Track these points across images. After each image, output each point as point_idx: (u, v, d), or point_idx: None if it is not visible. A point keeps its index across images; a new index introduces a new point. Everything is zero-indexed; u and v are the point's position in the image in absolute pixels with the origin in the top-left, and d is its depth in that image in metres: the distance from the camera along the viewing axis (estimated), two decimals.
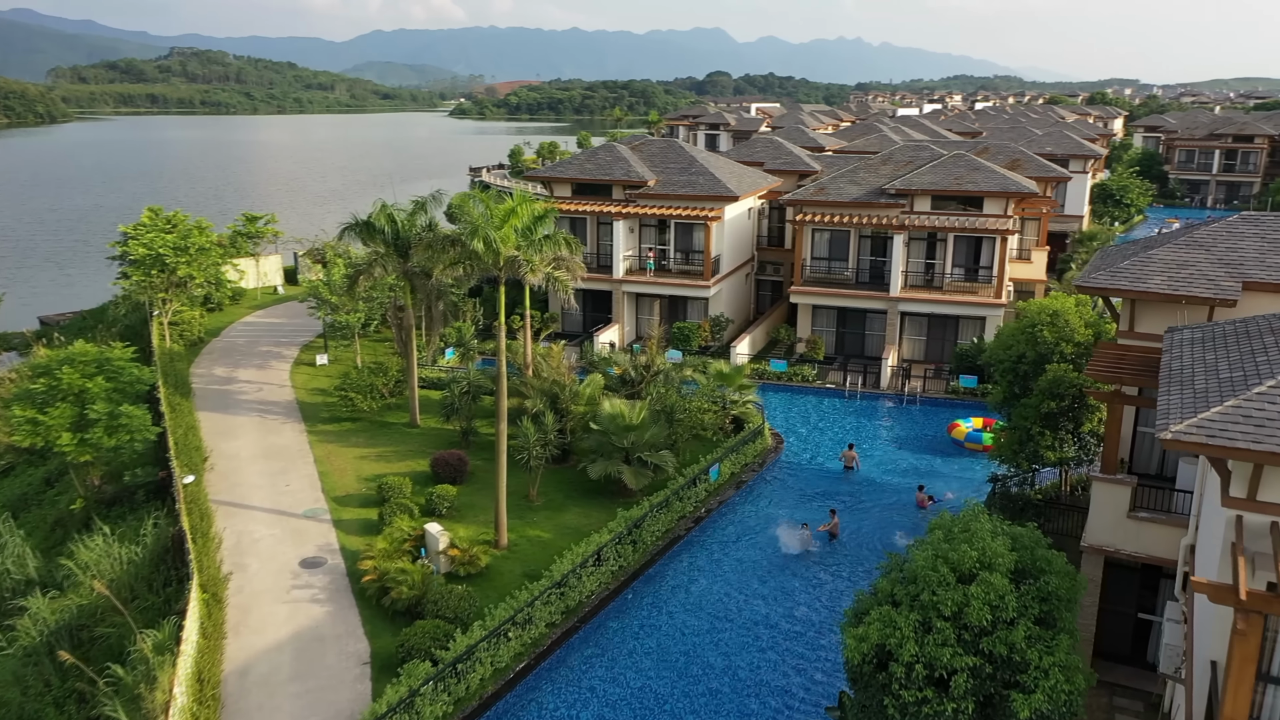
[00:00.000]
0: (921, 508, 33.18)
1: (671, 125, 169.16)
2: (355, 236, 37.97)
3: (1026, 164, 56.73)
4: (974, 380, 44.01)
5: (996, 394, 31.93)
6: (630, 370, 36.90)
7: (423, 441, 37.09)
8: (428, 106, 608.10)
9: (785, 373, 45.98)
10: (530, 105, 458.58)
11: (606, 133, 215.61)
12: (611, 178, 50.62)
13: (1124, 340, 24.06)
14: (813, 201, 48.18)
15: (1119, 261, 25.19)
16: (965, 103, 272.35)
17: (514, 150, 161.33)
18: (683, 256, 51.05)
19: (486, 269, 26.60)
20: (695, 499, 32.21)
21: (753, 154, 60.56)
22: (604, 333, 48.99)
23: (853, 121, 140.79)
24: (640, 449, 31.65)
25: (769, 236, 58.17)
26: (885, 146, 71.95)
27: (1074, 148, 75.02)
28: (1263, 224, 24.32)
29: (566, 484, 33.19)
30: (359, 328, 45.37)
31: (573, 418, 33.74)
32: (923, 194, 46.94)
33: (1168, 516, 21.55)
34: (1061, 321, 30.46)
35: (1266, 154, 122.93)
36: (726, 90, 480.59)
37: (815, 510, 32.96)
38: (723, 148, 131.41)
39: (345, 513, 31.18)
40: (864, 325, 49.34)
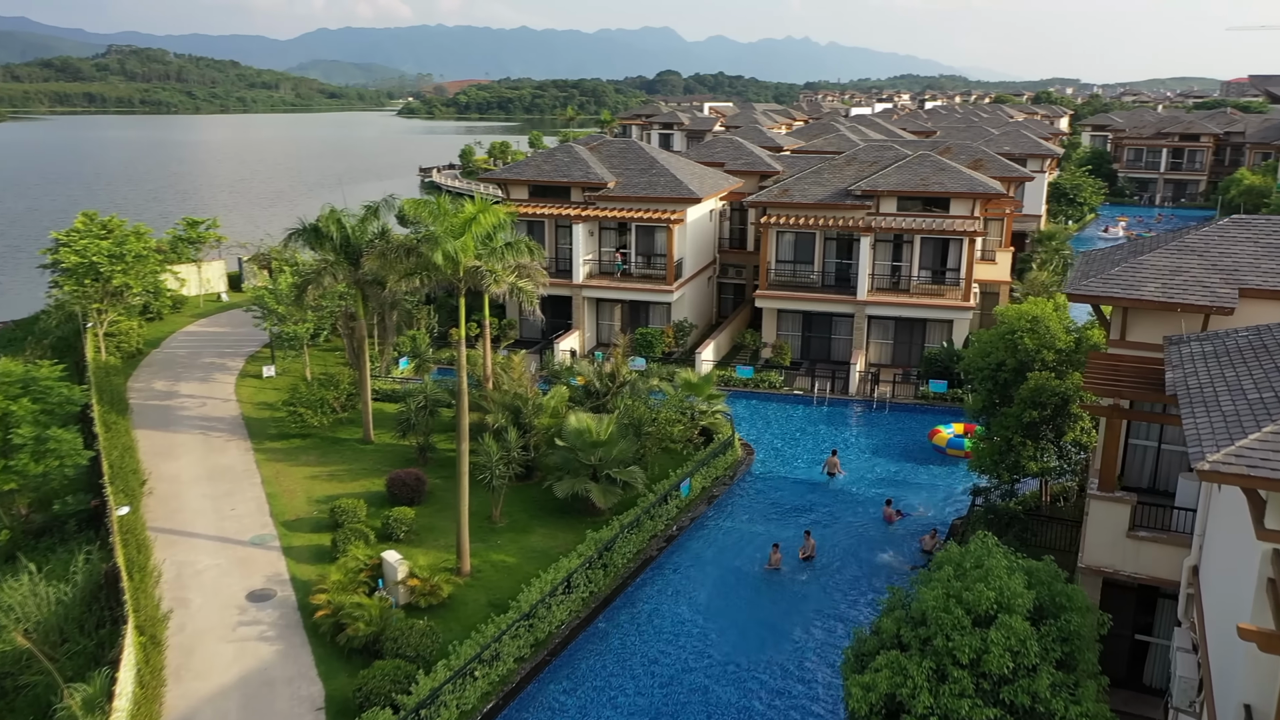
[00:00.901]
0: (889, 523, 31.99)
1: (624, 125, 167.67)
2: (302, 243, 36.03)
3: (989, 164, 56.20)
4: (944, 385, 43.17)
5: (975, 402, 30.97)
6: (595, 381, 35.39)
7: (377, 459, 35.25)
8: (375, 106, 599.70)
9: (752, 379, 44.78)
10: (480, 104, 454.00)
11: (559, 132, 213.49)
12: (570, 179, 49.05)
13: (1115, 349, 23.13)
14: (778, 203, 47.05)
15: (1108, 267, 24.26)
16: (914, 102, 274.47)
17: (465, 150, 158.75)
18: (644, 260, 49.63)
19: (445, 280, 24.95)
20: (666, 516, 30.82)
21: (713, 154, 59.34)
22: (564, 340, 47.42)
23: (806, 121, 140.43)
24: (608, 465, 30.18)
25: (731, 238, 57.01)
26: (844, 146, 71.22)
27: (1031, 147, 74.94)
28: (1254, 228, 23.51)
29: (531, 502, 31.60)
30: (308, 338, 43.29)
31: (536, 433, 32.17)
32: (889, 195, 46.01)
33: (1168, 535, 20.59)
34: (1042, 328, 29.54)
35: (1211, 152, 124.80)
36: (677, 89, 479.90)
37: (789, 525, 31.75)
38: (677, 147, 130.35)
39: (296, 539, 29.30)
40: (830, 329, 48.33)
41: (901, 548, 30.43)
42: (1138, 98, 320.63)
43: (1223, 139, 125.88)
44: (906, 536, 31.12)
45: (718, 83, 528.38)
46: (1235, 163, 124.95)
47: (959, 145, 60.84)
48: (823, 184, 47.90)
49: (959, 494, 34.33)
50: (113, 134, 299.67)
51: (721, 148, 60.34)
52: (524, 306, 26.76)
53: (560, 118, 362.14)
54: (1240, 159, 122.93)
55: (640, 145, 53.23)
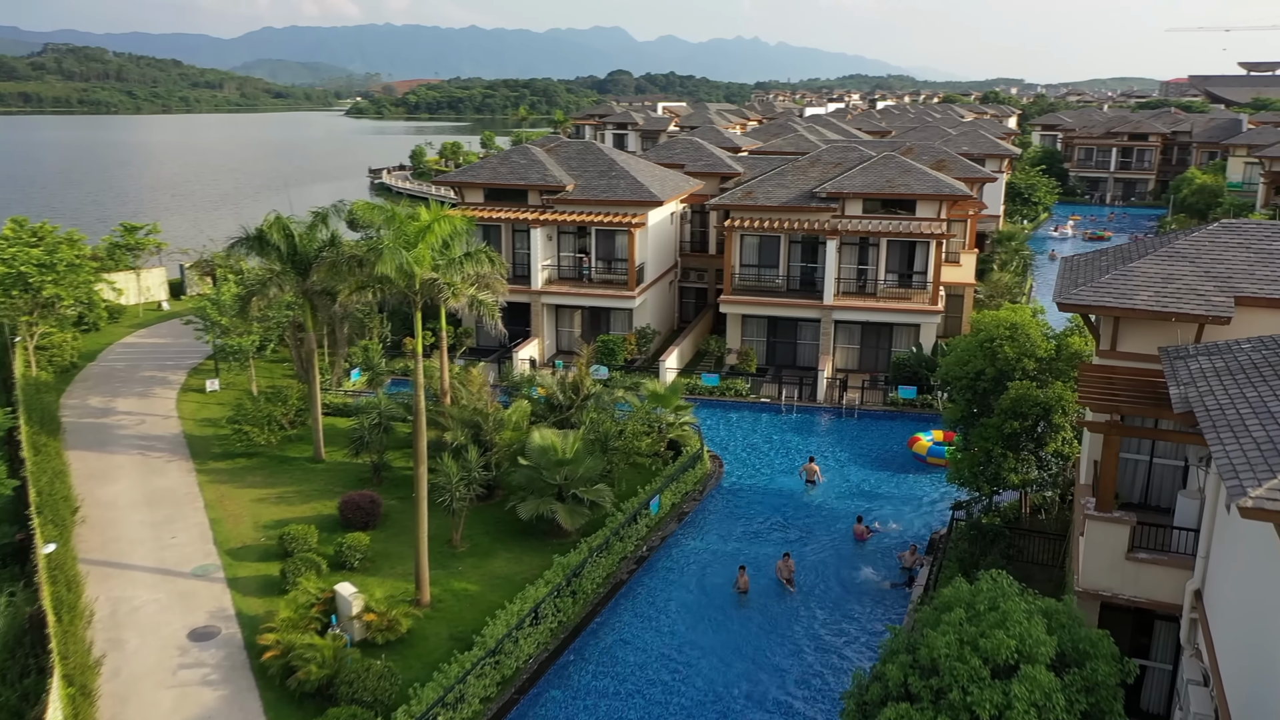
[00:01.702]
0: (861, 540, 30.75)
1: (578, 125, 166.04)
2: (246, 251, 34.08)
3: (952, 164, 55.60)
4: (913, 391, 42.30)
5: (953, 412, 30.00)
6: (558, 394, 33.88)
7: (329, 479, 33.42)
8: (323, 105, 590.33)
9: (717, 387, 43.55)
10: (430, 104, 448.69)
11: (511, 132, 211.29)
12: (527, 182, 47.45)
13: (1105, 360, 22.20)
14: (741, 206, 45.87)
15: (1094, 274, 23.34)
16: (865, 101, 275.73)
17: (416, 151, 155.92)
18: (605, 265, 48.18)
19: (399, 293, 23.32)
20: (636, 537, 29.43)
21: (672, 155, 58.07)
22: (523, 348, 45.80)
23: (761, 121, 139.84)
24: (575, 484, 28.70)
25: (692, 241, 55.78)
26: (802, 146, 70.42)
27: (990, 147, 74.72)
28: (1245, 233, 22.72)
29: (493, 524, 30.02)
30: (254, 351, 41.20)
31: (498, 450, 30.58)
32: (854, 197, 45.05)
33: (1169, 557, 19.64)
34: (1022, 336, 28.64)
35: (1159, 151, 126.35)
36: (628, 89, 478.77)
37: (764, 543, 30.53)
38: (631, 147, 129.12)
39: (242, 569, 27.44)
40: (796, 334, 47.28)
41: (880, 564, 29.33)
42: (1081, 98, 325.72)
43: (1170, 138, 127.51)
44: (884, 552, 30.04)
45: (669, 82, 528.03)
46: (1182, 162, 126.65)
47: (921, 146, 60.23)
48: (787, 186, 46.83)
49: (940, 505, 33.37)
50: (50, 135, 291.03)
51: (681, 149, 59.10)
52: (484, 320, 25.21)
53: (512, 118, 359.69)
54: (1187, 158, 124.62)
55: (599, 147, 51.78)
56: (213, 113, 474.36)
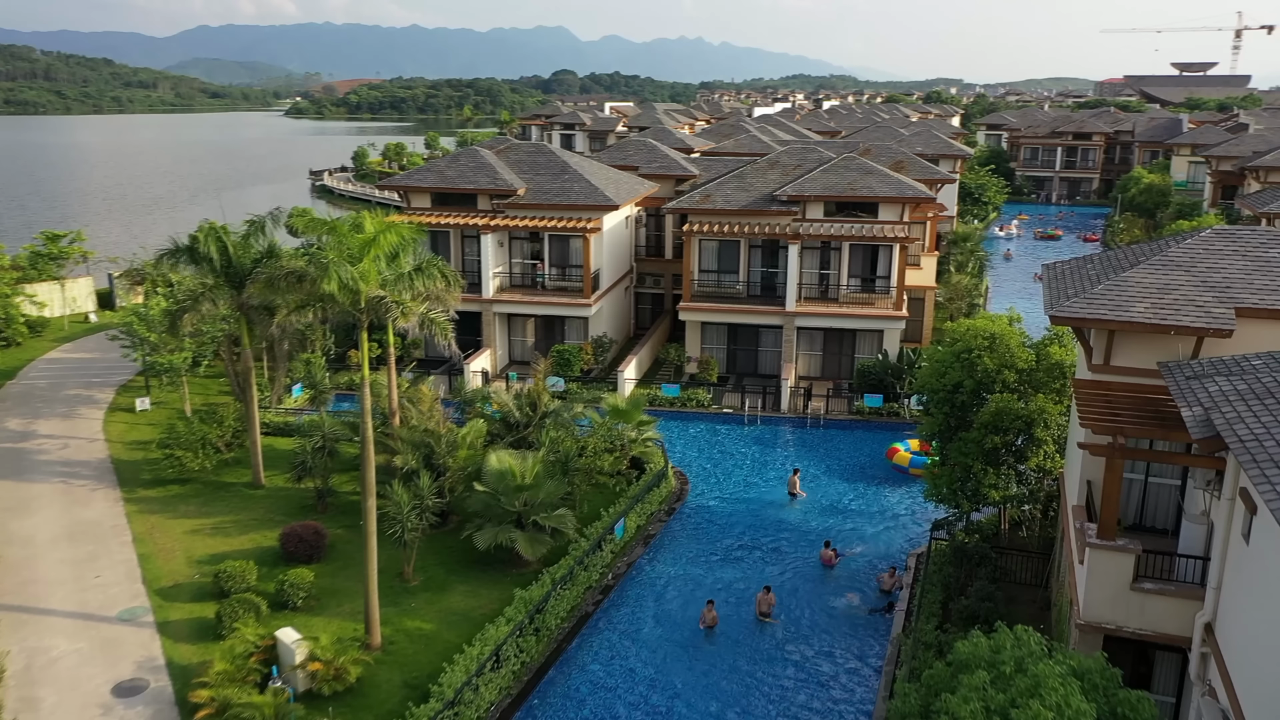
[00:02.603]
0: (828, 566, 29.05)
1: (524, 125, 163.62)
2: (176, 263, 31.71)
3: (910, 165, 54.71)
4: (879, 399, 41.14)
5: (930, 426, 28.79)
6: (515, 411, 32.02)
7: (269, 506, 31.20)
8: (261, 105, 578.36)
9: (678, 398, 42.00)
10: (372, 104, 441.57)
11: (455, 133, 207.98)
12: (477, 186, 45.45)
13: (1098, 375, 21.03)
14: (700, 210, 44.37)
15: (1084, 284, 22.17)
16: (810, 101, 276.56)
17: (358, 152, 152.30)
18: (559, 272, 46.38)
19: (343, 311, 21.37)
20: (601, 564, 27.72)
21: (625, 157, 56.41)
22: (475, 359, 43.80)
23: (709, 121, 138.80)
24: (535, 511, 26.91)
25: (648, 246, 54.18)
26: (755, 147, 69.21)
27: (943, 147, 74.21)
28: (1240, 240, 21.70)
29: (448, 553, 28.11)
30: (186, 368, 38.70)
31: (452, 474, 28.66)
32: (816, 200, 43.81)
33: (1177, 587, 18.46)
34: (1001, 346, 27.48)
35: (1102, 150, 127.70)
36: (573, 89, 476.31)
37: (734, 566, 29.02)
38: (579, 148, 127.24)
39: (173, 611, 25.22)
40: (757, 341, 45.93)
41: (856, 587, 27.96)
42: (1020, 97, 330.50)
43: (1113, 138, 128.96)
44: (861, 574, 28.68)
45: (614, 82, 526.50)
46: (1125, 161, 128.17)
47: (879, 147, 59.29)
48: (746, 189, 45.44)
49: (918, 520, 32.15)
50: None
51: (634, 150, 57.47)
52: (440, 343, 23.29)
53: (457, 118, 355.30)
54: (1130, 157, 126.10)
55: (551, 149, 49.95)
56: (146, 113, 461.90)
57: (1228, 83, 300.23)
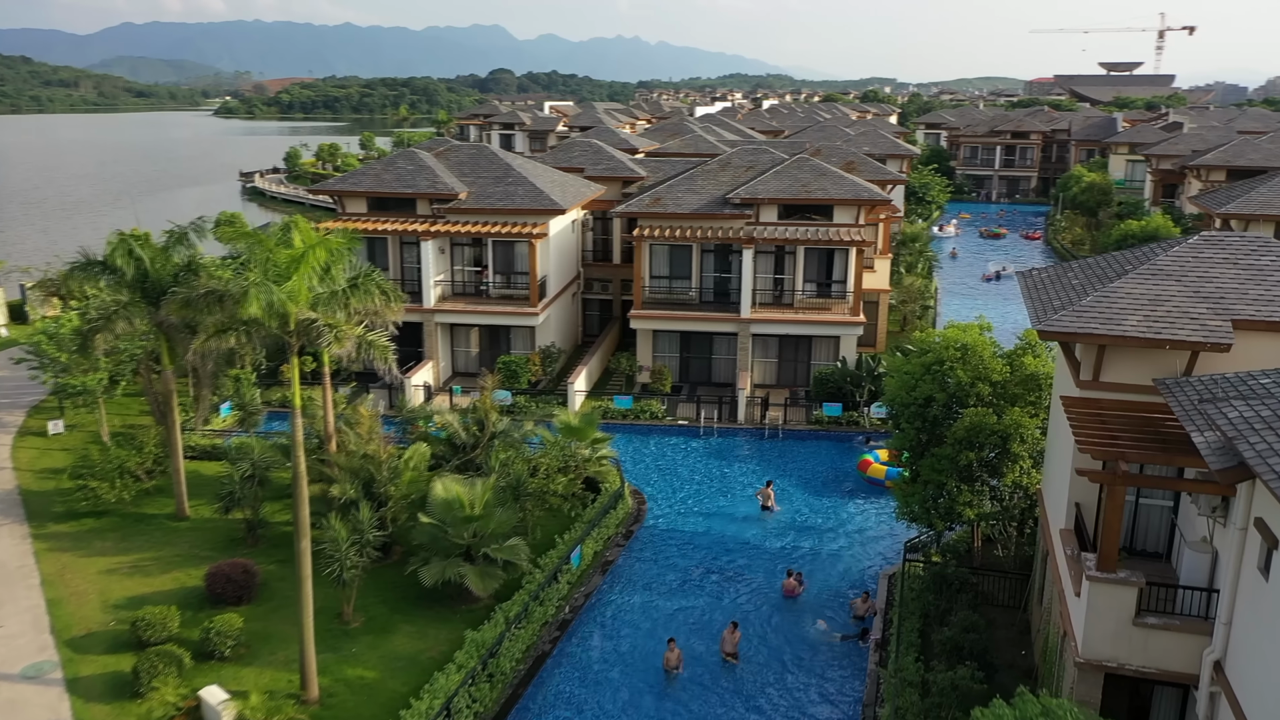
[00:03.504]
0: (791, 596, 27.25)
1: (462, 125, 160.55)
2: (88, 278, 29.14)
3: (861, 166, 53.70)
4: (838, 408, 39.89)
5: (900, 441, 27.49)
6: (461, 432, 30.00)
7: (194, 541, 28.81)
8: (189, 105, 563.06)
9: (631, 410, 40.31)
10: (304, 104, 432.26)
11: (391, 133, 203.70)
12: (415, 190, 43.24)
13: (1086, 391, 19.81)
14: (651, 214, 42.72)
15: (1068, 294, 20.97)
16: (748, 100, 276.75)
17: (291, 152, 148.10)
18: (504, 279, 44.37)
19: (271, 336, 19.29)
20: (557, 597, 25.90)
21: (570, 159, 54.53)
22: (416, 372, 41.62)
23: (650, 120, 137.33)
24: (486, 542, 24.99)
25: (595, 250, 52.38)
26: (701, 147, 67.86)
27: (890, 147, 73.60)
28: (1229, 246, 20.67)
29: (391, 589, 26.06)
30: (102, 389, 35.94)
31: (394, 503, 26.61)
32: (769, 203, 42.43)
33: (1183, 622, 17.25)
34: (974, 358, 26.25)
35: (1040, 149, 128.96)
36: (511, 88, 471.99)
37: (698, 593, 27.42)
38: (519, 147, 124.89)
39: (85, 664, 22.83)
40: (710, 349, 44.42)
41: (828, 614, 26.50)
42: (954, 96, 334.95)
43: (1050, 136, 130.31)
44: (833, 600, 27.24)
45: (551, 81, 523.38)
46: (1061, 159, 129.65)
47: (828, 147, 58.24)
48: (697, 191, 43.91)
49: (863, 537, 30.86)
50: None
51: (579, 151, 55.62)
52: (380, 367, 21.28)
53: (392, 117, 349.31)
54: (1066, 155, 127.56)
55: (493, 150, 47.88)
56: (68, 113, 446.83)
57: (1153, 82, 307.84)
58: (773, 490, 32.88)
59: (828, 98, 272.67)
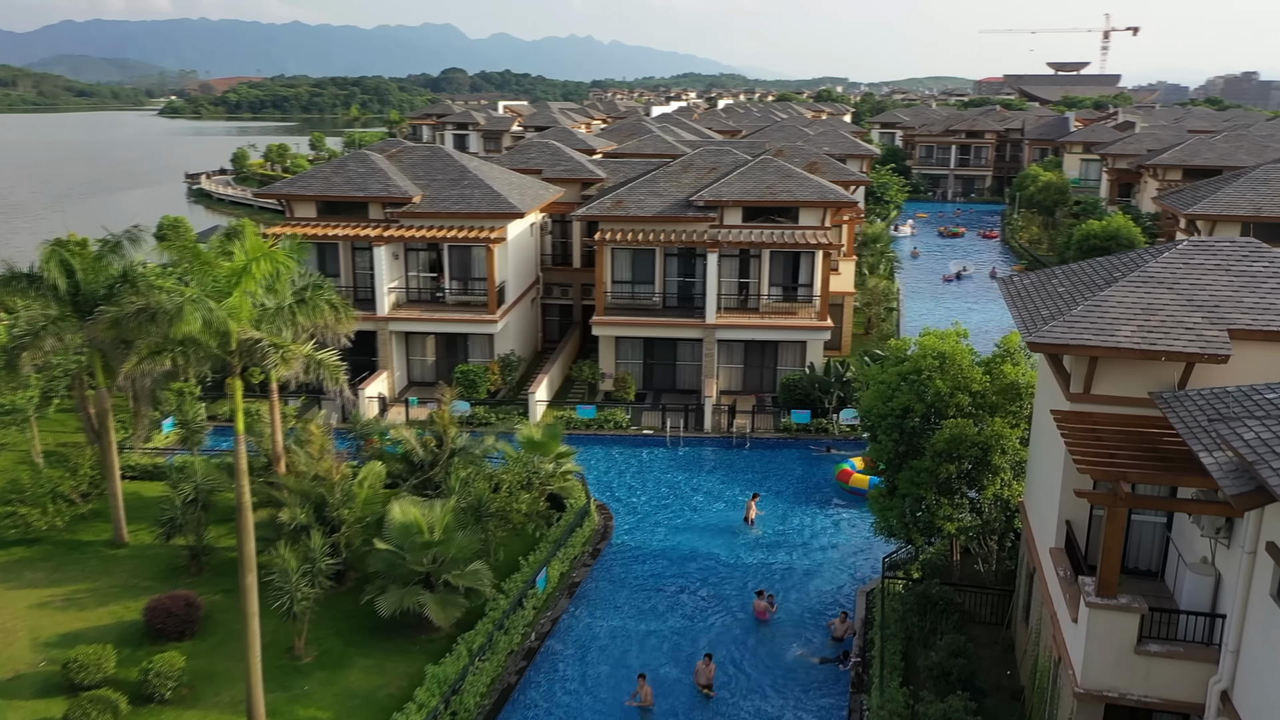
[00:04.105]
0: (762, 620, 25.94)
1: (415, 125, 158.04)
2: (15, 291, 27.24)
3: (825, 167, 52.92)
4: (807, 415, 38.97)
5: (878, 453, 26.56)
6: (418, 450, 28.54)
7: (133, 570, 27.06)
8: (133, 104, 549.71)
9: (595, 420, 39.07)
10: (252, 103, 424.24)
11: (342, 133, 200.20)
12: (367, 194, 41.61)
13: (1077, 405, 18.95)
14: (612, 217, 41.49)
15: (1054, 302, 20.12)
16: (703, 100, 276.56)
17: (238, 153, 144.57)
18: (461, 285, 42.89)
19: (210, 356, 17.77)
20: (523, 624, 24.59)
21: (527, 160, 53.11)
22: (370, 383, 40.01)
23: (606, 120, 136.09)
24: (446, 569, 23.62)
25: (554, 254, 51.03)
26: (661, 148, 66.73)
27: (850, 147, 73.10)
28: (1219, 253, 19.95)
29: (346, 619, 24.58)
30: (34, 408, 33.92)
31: (348, 528, 25.12)
32: (734, 205, 41.42)
33: (1186, 649, 16.42)
34: (953, 367, 25.39)
35: (994, 148, 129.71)
36: (463, 87, 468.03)
37: (671, 616, 26.26)
38: (473, 148, 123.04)
39: (12, 712, 21.10)
40: (674, 355, 43.30)
41: (805, 636, 25.48)
42: (906, 96, 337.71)
43: (1004, 135, 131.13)
44: (810, 620, 26.22)
45: (504, 80, 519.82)
46: (1015, 158, 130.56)
47: (790, 148, 57.39)
48: (660, 194, 42.76)
49: (865, 548, 29.93)
50: None
51: (536, 152, 54.22)
52: (330, 388, 19.81)
53: (343, 117, 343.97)
54: (1019, 154, 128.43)
55: (448, 152, 46.34)
56: (6, 113, 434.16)
57: (1100, 82, 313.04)
58: (755, 504, 31.84)
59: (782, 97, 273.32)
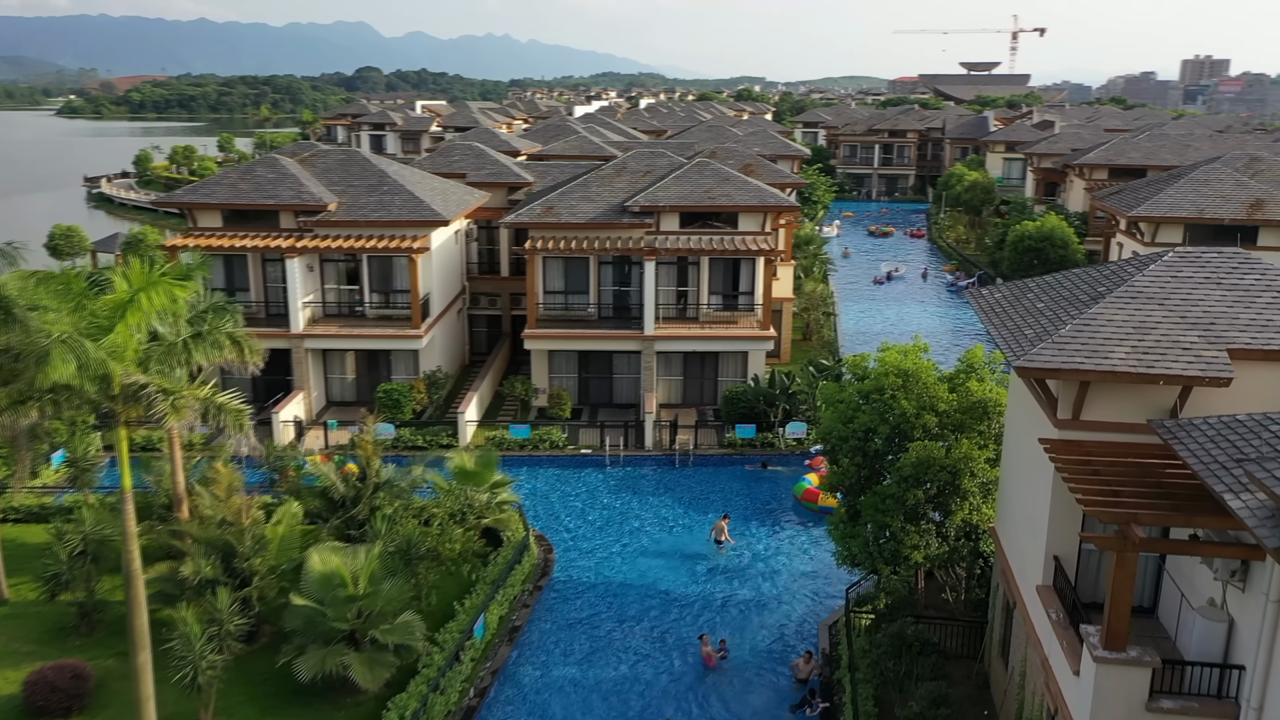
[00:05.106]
0: (709, 666, 23.86)
1: (329, 125, 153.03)
2: None
3: (760, 169, 51.29)
4: (751, 430, 37.28)
5: (838, 478, 24.90)
6: (339, 486, 25.92)
7: (13, 632, 23.96)
8: (29, 104, 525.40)
9: (529, 440, 36.82)
10: (157, 103, 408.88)
11: (253, 133, 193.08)
12: (278, 201, 38.62)
13: (1067, 433, 17.45)
14: (544, 224, 39.23)
15: (1035, 318, 18.62)
16: (624, 99, 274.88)
17: (141, 155, 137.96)
18: (382, 298, 40.18)
19: (88, 403, 15.14)
20: (460, 680, 22.26)
21: (450, 163, 50.44)
22: (285, 406, 37.10)
23: (528, 120, 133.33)
24: (373, 624, 21.18)
25: (481, 262, 48.49)
26: (588, 149, 64.68)
27: (780, 147, 71.87)
28: (1208, 265, 18.66)
29: (260, 682, 21.97)
30: None
31: (261, 579, 22.48)
32: (671, 210, 39.53)
33: (1201, 704, 14.97)
34: (917, 385, 23.83)
35: (916, 148, 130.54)
36: (379, 86, 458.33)
37: (617, 661, 24.21)
38: (390, 149, 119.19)
39: None
40: (610, 368, 41.28)
41: (766, 679, 23.68)
42: (824, 95, 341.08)
43: (925, 135, 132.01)
44: (771, 660, 24.42)
45: (421, 79, 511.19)
46: (936, 157, 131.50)
47: (725, 149, 55.73)
48: (592, 199, 40.64)
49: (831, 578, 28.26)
50: None
51: (460, 155, 51.58)
52: (231, 436, 17.26)
53: (253, 117, 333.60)
54: (941, 154, 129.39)
55: (365, 156, 43.52)
56: None
57: (1011, 81, 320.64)
58: (726, 524, 30.08)
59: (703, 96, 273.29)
